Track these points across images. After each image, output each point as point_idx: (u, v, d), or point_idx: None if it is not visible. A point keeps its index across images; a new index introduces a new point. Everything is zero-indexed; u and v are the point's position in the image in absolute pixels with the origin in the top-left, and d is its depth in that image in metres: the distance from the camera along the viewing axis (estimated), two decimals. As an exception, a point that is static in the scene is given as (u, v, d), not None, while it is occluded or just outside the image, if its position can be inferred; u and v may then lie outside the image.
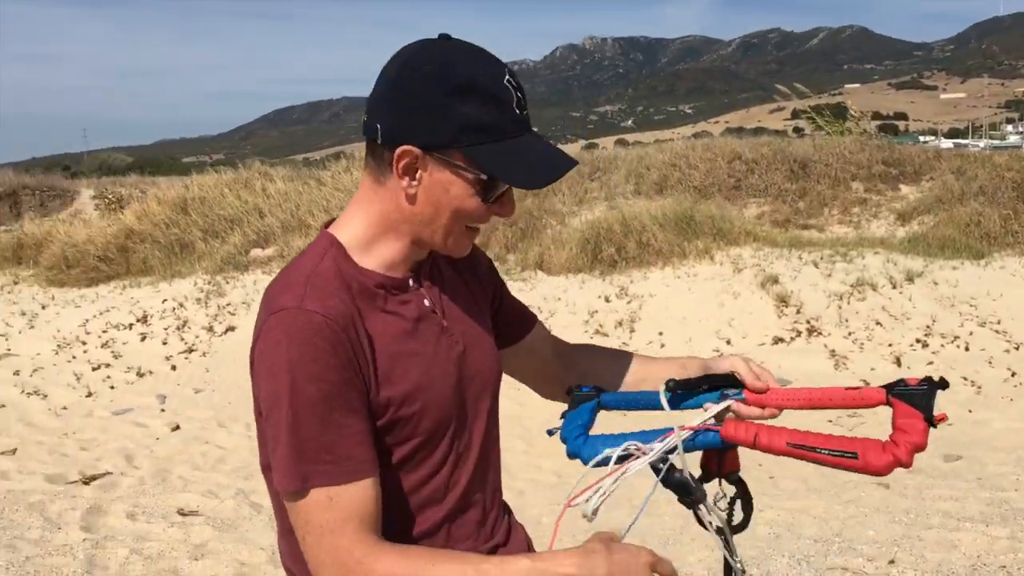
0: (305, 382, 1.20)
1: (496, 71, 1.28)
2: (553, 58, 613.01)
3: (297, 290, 1.26)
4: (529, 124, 1.32)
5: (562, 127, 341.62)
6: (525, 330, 1.64)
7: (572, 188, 11.03)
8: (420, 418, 1.32)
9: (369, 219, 1.36)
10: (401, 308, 1.36)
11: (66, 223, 11.52)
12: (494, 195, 1.30)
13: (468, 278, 1.53)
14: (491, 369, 1.49)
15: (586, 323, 8.01)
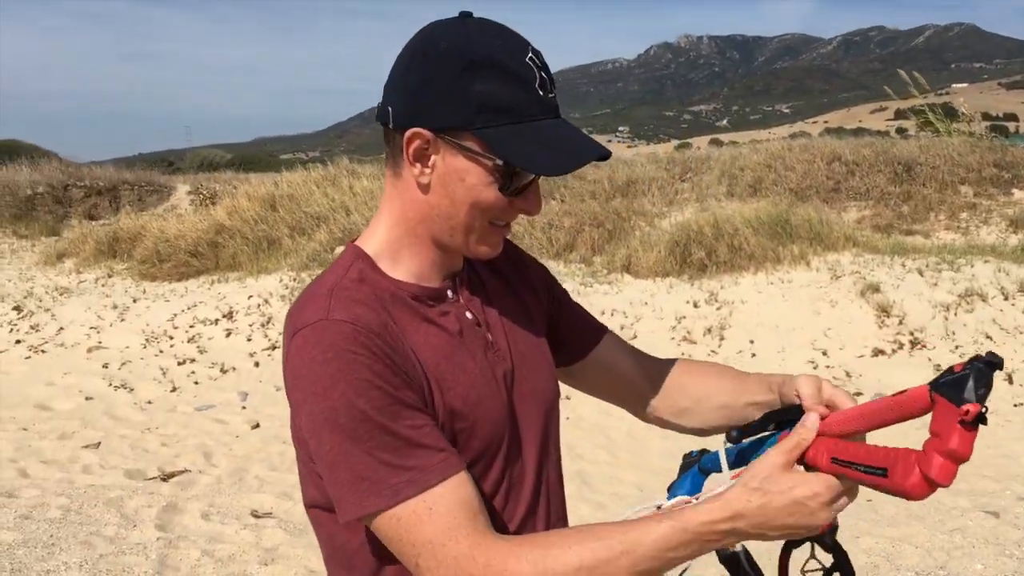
0: (356, 395, 1.06)
1: (517, 48, 1.14)
2: (647, 57, 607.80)
3: (320, 303, 1.12)
4: (555, 107, 1.17)
5: (654, 126, 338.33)
6: (592, 343, 1.48)
7: (662, 189, 10.74)
8: (470, 436, 1.18)
9: (392, 220, 1.22)
10: (442, 319, 1.22)
11: (160, 218, 11.76)
12: (516, 186, 1.16)
13: (518, 288, 1.38)
14: (546, 389, 1.34)
15: (673, 329, 7.72)
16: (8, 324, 8.90)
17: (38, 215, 12.71)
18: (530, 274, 1.42)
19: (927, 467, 0.95)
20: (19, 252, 11.33)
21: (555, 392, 1.36)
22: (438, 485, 1.07)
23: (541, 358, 1.35)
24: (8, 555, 4.37)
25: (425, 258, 1.22)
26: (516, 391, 1.27)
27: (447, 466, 1.08)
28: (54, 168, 14.18)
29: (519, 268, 1.41)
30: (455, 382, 1.17)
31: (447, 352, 1.19)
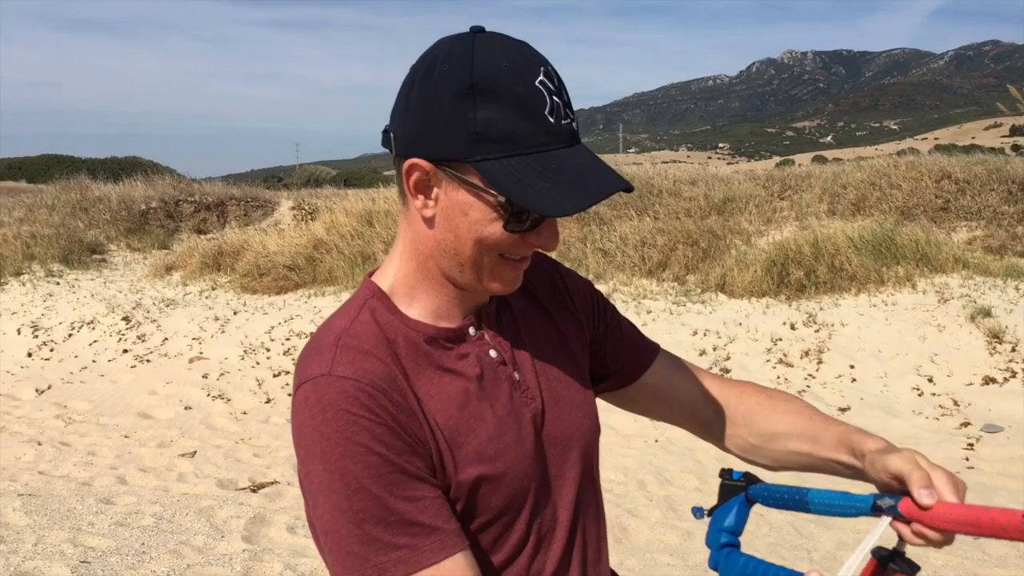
0: (351, 460, 0.99)
1: (526, 70, 1.02)
2: (749, 73, 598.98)
3: (326, 354, 1.05)
4: (569, 135, 1.04)
5: (756, 144, 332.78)
6: (642, 367, 1.36)
7: (760, 207, 10.48)
8: (489, 495, 1.08)
9: (405, 254, 1.13)
10: (460, 364, 1.12)
11: (263, 232, 12.07)
12: (525, 223, 1.04)
13: (557, 315, 1.27)
14: (580, 427, 1.22)
15: (768, 351, 7.50)
16: (117, 334, 9.25)
17: (151, 229, 13.21)
18: (572, 297, 1.32)
19: None
20: (131, 264, 11.78)
21: (593, 429, 1.25)
22: (431, 567, 0.98)
23: (577, 393, 1.24)
24: (101, 562, 4.50)
25: (441, 294, 1.13)
26: (547, 433, 1.17)
27: (441, 546, 0.99)
28: (167, 184, 14.72)
29: (559, 291, 1.31)
30: (471, 436, 1.08)
31: (462, 402, 1.09)
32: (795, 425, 1.29)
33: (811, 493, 1.11)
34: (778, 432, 1.30)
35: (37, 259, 11.11)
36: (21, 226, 12.05)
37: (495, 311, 1.19)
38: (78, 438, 6.71)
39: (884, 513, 1.03)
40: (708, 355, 7.56)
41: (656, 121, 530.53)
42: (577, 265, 9.35)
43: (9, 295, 10.34)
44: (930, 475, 1.02)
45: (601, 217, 10.11)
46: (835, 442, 1.21)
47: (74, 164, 27.49)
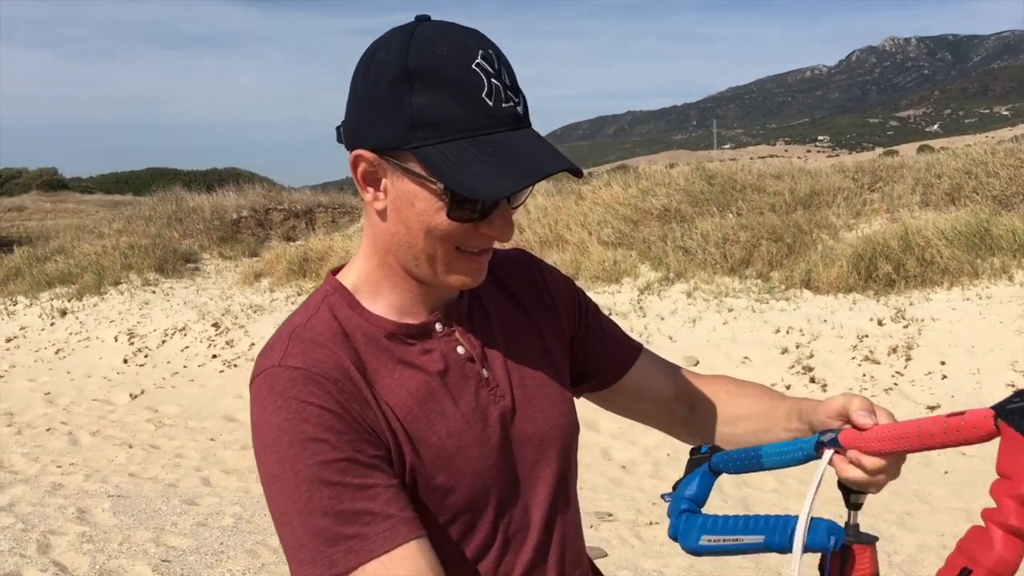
0: (299, 448, 0.97)
1: (464, 54, 0.99)
2: (849, 62, 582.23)
3: (279, 347, 1.04)
4: (512, 118, 1.01)
5: (857, 135, 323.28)
6: (624, 367, 1.33)
7: (848, 200, 10.14)
8: (447, 493, 1.06)
9: (367, 250, 1.12)
10: (422, 359, 1.10)
11: (348, 238, 12.29)
12: (470, 211, 1.02)
13: (532, 309, 1.24)
14: (555, 426, 1.19)
15: (854, 348, 7.25)
16: (207, 340, 9.55)
17: (242, 237, 13.60)
18: (552, 295, 1.29)
19: (1004, 518, 0.79)
20: (223, 272, 12.15)
21: (570, 428, 1.22)
22: (382, 555, 0.95)
23: (553, 391, 1.21)
24: (180, 561, 4.64)
25: (405, 290, 1.11)
26: (517, 432, 1.14)
27: (394, 534, 0.96)
28: (257, 193, 15.15)
29: (537, 288, 1.28)
30: (429, 431, 1.06)
31: (422, 397, 1.07)
32: (755, 406, 1.28)
33: (763, 449, 1.12)
34: (739, 415, 1.30)
35: (134, 269, 11.56)
36: (120, 237, 12.58)
37: (466, 307, 1.17)
38: (167, 441, 6.94)
39: (826, 447, 1.03)
40: (791, 353, 7.36)
41: (752, 115, 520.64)
42: (658, 263, 9.23)
43: (108, 304, 10.79)
44: (870, 402, 1.04)
45: (682, 214, 9.96)
46: (786, 413, 1.21)
47: (176, 176, 28.56)
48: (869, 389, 6.73)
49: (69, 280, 11.54)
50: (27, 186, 29.41)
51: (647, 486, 5.55)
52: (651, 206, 10.21)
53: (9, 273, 12.17)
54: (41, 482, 6.01)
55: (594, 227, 10.07)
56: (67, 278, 11.58)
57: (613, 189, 10.80)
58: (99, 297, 10.99)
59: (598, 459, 5.99)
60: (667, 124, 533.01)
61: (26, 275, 11.90)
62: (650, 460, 5.90)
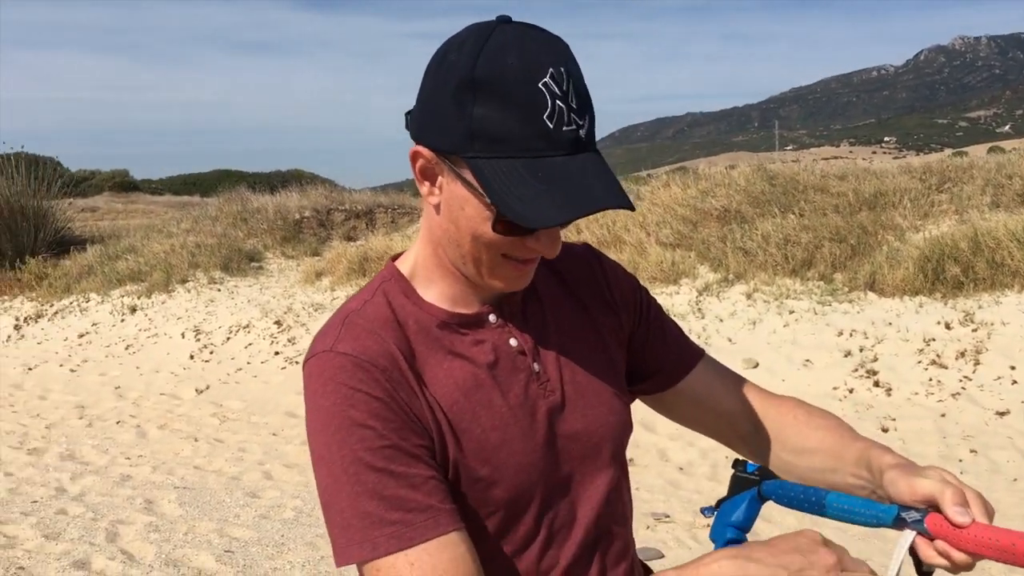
0: (346, 433, 1.00)
1: (533, 68, 0.97)
2: (917, 62, 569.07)
3: (332, 333, 1.07)
4: (571, 142, 0.99)
5: (925, 136, 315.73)
6: (683, 371, 1.31)
7: (915, 201, 9.93)
8: (491, 485, 1.07)
9: (424, 239, 1.14)
10: (472, 350, 1.11)
11: (407, 238, 12.40)
12: (517, 228, 1.01)
13: (590, 304, 1.24)
14: (605, 423, 1.18)
15: (920, 352, 7.09)
16: (270, 337, 9.73)
17: (304, 237, 13.79)
18: (612, 291, 1.28)
19: None
20: (285, 272, 12.35)
21: (621, 427, 1.21)
22: (424, 543, 0.97)
23: (605, 389, 1.20)
24: (243, 552, 4.73)
25: (456, 281, 1.12)
26: (565, 428, 1.14)
27: (435, 524, 0.98)
28: (319, 194, 15.35)
29: (598, 284, 1.27)
30: (474, 423, 1.07)
31: (469, 388, 1.08)
32: (825, 441, 1.22)
33: (830, 497, 1.05)
34: (808, 448, 1.24)
35: (201, 267, 11.81)
36: (188, 237, 12.86)
37: (521, 299, 1.18)
38: (231, 435, 7.09)
39: (908, 527, 0.96)
40: (854, 356, 7.23)
41: (815, 116, 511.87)
42: (717, 265, 9.14)
43: (176, 301, 11.04)
44: (964, 493, 0.96)
45: (742, 215, 9.85)
46: (856, 457, 1.15)
47: (241, 178, 29.09)
48: (936, 393, 6.58)
49: (139, 278, 11.84)
50: (100, 187, 30.24)
51: (705, 488, 5.50)
52: (710, 207, 10.11)
53: (82, 271, 12.52)
54: (110, 473, 6.18)
55: (652, 228, 10.01)
56: (137, 276, 11.89)
57: (672, 190, 10.72)
58: (167, 295, 11.26)
59: (655, 460, 5.96)
60: (727, 126, 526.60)
61: (98, 273, 12.23)
62: (708, 462, 5.85)
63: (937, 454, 5.67)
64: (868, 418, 6.32)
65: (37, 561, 4.63)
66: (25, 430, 7.36)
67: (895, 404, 6.57)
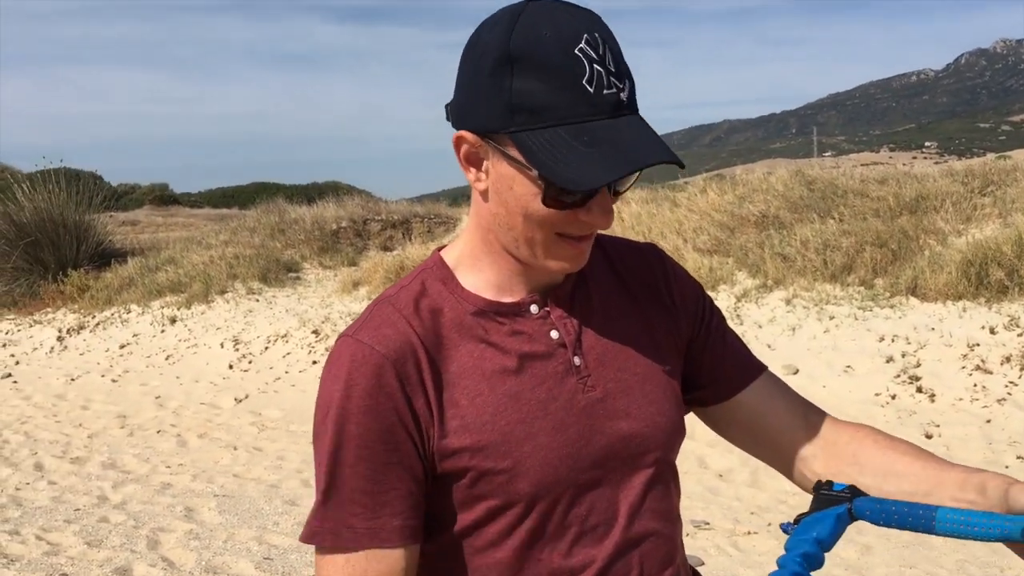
0: (339, 419, 1.03)
1: (568, 36, 0.97)
2: (958, 66, 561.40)
3: (361, 318, 1.09)
4: (614, 105, 0.98)
5: (967, 140, 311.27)
6: (741, 383, 1.24)
7: (957, 204, 9.77)
8: (513, 478, 1.05)
9: (471, 227, 1.12)
10: (507, 340, 1.09)
11: (443, 248, 12.44)
12: (567, 200, 1.00)
13: (646, 303, 1.20)
14: (652, 424, 1.13)
15: (964, 358, 6.96)
16: (307, 347, 9.79)
17: (341, 247, 13.88)
18: (672, 293, 1.23)
19: None
20: (323, 281, 12.43)
21: (669, 429, 1.16)
22: (360, 551, 1.03)
23: (655, 389, 1.15)
24: (282, 559, 4.76)
25: (503, 267, 1.10)
26: (604, 424, 1.10)
27: (386, 538, 1.03)
28: (356, 204, 15.45)
29: (657, 283, 1.23)
30: (497, 415, 1.05)
31: (495, 379, 1.07)
32: (914, 465, 1.14)
33: (940, 511, 0.98)
34: (894, 471, 1.15)
35: (239, 278, 11.93)
36: (226, 248, 13.00)
37: (570, 291, 1.15)
38: (269, 443, 7.13)
39: None
40: (896, 362, 7.11)
41: (854, 122, 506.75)
42: (755, 271, 9.05)
43: (215, 312, 11.16)
44: None
45: (781, 221, 9.75)
46: (959, 481, 1.08)
47: (279, 190, 29.39)
48: (980, 399, 6.45)
49: (179, 289, 11.98)
50: (140, 201, 30.72)
51: (745, 495, 5.43)
52: (748, 212, 10.02)
53: (123, 283, 12.70)
54: (151, 481, 6.25)
55: (689, 234, 9.94)
56: (177, 287, 12.03)
57: (709, 196, 10.65)
58: (206, 305, 11.38)
59: (694, 467, 5.90)
60: (765, 132, 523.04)
61: (139, 284, 12.40)
62: (748, 469, 5.78)
63: (983, 460, 5.56)
64: (911, 424, 6.21)
65: (80, 568, 4.68)
66: (68, 439, 7.46)
67: (939, 410, 6.45)
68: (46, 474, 6.48)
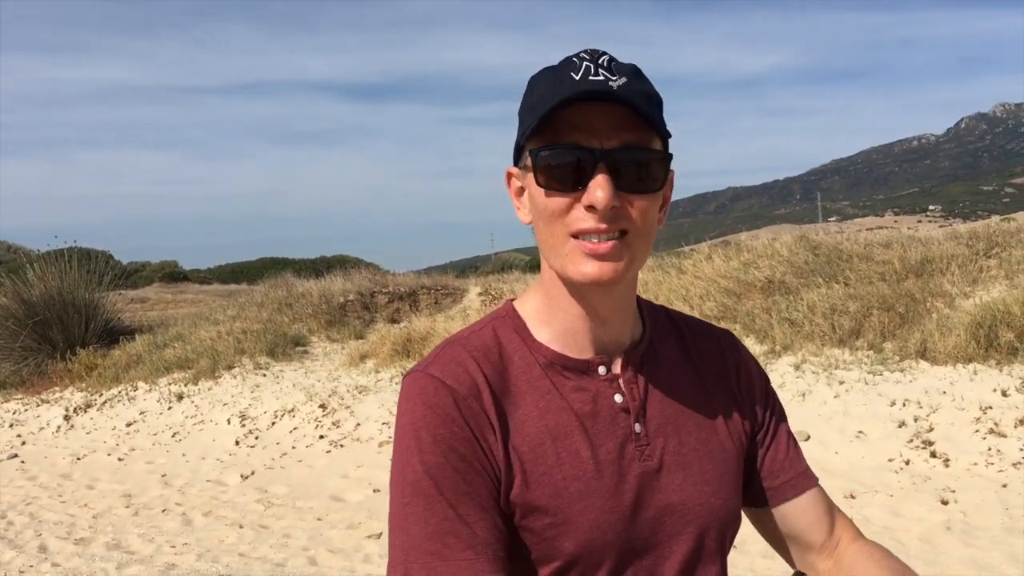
0: (417, 451, 1.02)
1: (574, 55, 1.05)
2: (958, 130, 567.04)
3: (432, 355, 1.09)
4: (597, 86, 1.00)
5: (971, 203, 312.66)
6: (788, 493, 1.22)
7: (963, 267, 9.76)
8: (560, 536, 1.03)
9: (540, 278, 1.14)
10: (572, 395, 1.09)
11: (450, 319, 12.44)
12: (556, 176, 1.02)
13: (715, 389, 1.19)
14: (704, 503, 1.12)
15: (977, 421, 6.88)
16: (314, 421, 9.73)
17: (348, 320, 13.90)
18: (739, 380, 1.23)
19: None
20: (330, 355, 12.42)
21: (723, 511, 1.14)
22: None
23: (712, 468, 1.14)
24: (286, 638, 4.65)
25: (572, 317, 1.11)
26: (657, 497, 1.09)
27: (467, 567, 0.98)
28: (363, 277, 15.52)
29: (725, 367, 1.23)
30: (555, 469, 1.05)
31: (558, 434, 1.06)
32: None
33: None
34: None
35: (247, 353, 11.92)
36: (234, 323, 13.03)
37: (640, 359, 1.15)
38: (275, 520, 7.04)
39: None
40: (908, 426, 7.03)
41: (857, 187, 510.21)
42: (763, 336, 9.02)
43: (222, 387, 11.13)
44: None
45: (787, 286, 9.75)
46: None
47: (287, 264, 29.57)
48: (996, 463, 6.35)
49: (186, 365, 11.97)
50: (150, 278, 30.93)
51: (759, 567, 5.32)
52: (754, 278, 10.03)
53: (131, 360, 12.71)
54: (156, 562, 6.15)
55: (696, 300, 9.93)
56: (184, 363, 12.02)
57: (714, 262, 10.67)
58: (213, 381, 11.36)
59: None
60: (769, 199, 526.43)
61: (146, 362, 12.40)
62: (762, 541, 5.66)
63: (1000, 526, 5.44)
64: (926, 490, 6.11)
65: (80, 652, 4.58)
66: (73, 520, 7.38)
67: (954, 475, 6.35)
68: (50, 556, 6.39)
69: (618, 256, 1.03)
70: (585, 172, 1.01)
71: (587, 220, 1.02)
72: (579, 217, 1.02)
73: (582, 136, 1.01)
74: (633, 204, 1.03)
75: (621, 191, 1.02)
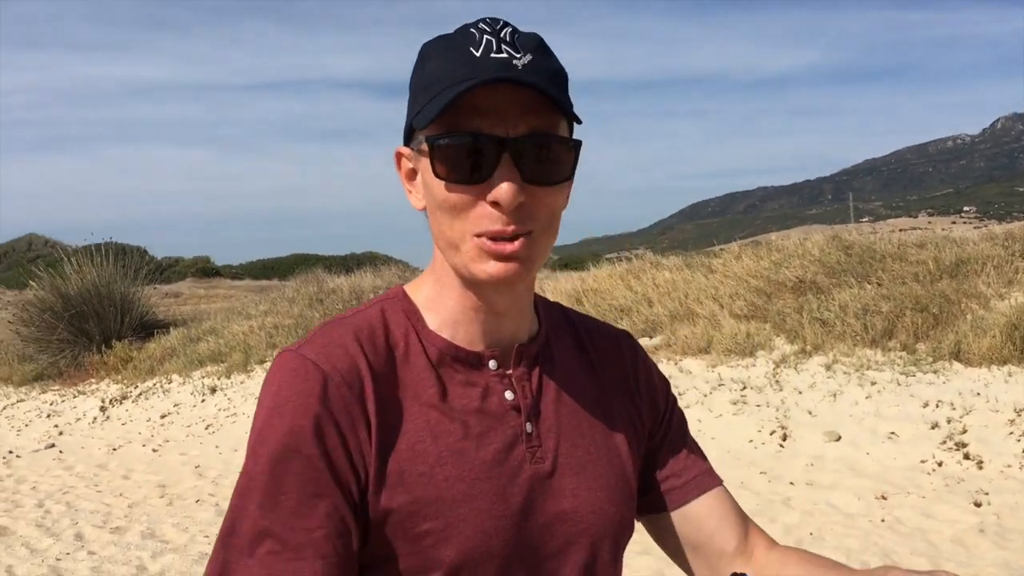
0: (268, 442, 0.92)
1: (472, 25, 0.94)
2: (994, 130, 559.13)
3: (310, 334, 1.01)
4: (500, 65, 0.91)
5: (1006, 204, 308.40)
6: (691, 493, 1.14)
7: (999, 268, 9.66)
8: (439, 542, 0.94)
9: (430, 265, 1.06)
10: (459, 390, 1.00)
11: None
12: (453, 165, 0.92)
13: (609, 386, 1.13)
14: (598, 511, 1.04)
15: (1011, 423, 6.81)
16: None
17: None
18: (639, 384, 1.16)
19: None
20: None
21: (617, 519, 1.06)
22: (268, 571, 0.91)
23: (607, 474, 1.06)
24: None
25: (463, 308, 1.01)
26: (546, 503, 1.01)
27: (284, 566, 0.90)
28: (392, 273, 15.63)
29: (624, 370, 1.16)
30: (435, 468, 0.95)
31: (439, 431, 0.96)
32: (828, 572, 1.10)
33: None
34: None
35: (278, 347, 12.04)
36: (265, 318, 13.17)
37: (534, 356, 1.06)
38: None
39: None
40: (941, 428, 6.98)
41: (890, 187, 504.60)
42: (794, 336, 8.98)
43: (254, 381, 11.25)
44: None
45: (818, 286, 9.69)
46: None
47: (317, 261, 29.80)
48: (1030, 466, 6.29)
49: (219, 359, 12.12)
50: (183, 274, 31.33)
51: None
52: (785, 278, 9.98)
53: (165, 353, 12.89)
54: (190, 551, 6.24)
55: (725, 300, 9.90)
56: (217, 357, 12.17)
57: (744, 262, 10.63)
58: (246, 375, 11.49)
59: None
60: (800, 199, 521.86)
61: (180, 355, 12.57)
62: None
63: None
64: (959, 492, 6.06)
65: (118, 638, 4.67)
66: (108, 509, 7.51)
67: (988, 477, 6.29)
68: (86, 544, 6.51)
69: (524, 256, 0.95)
70: (489, 163, 0.92)
71: (492, 220, 0.93)
72: (483, 215, 0.93)
73: (485, 123, 0.91)
74: (540, 197, 0.95)
75: (528, 183, 0.93)
